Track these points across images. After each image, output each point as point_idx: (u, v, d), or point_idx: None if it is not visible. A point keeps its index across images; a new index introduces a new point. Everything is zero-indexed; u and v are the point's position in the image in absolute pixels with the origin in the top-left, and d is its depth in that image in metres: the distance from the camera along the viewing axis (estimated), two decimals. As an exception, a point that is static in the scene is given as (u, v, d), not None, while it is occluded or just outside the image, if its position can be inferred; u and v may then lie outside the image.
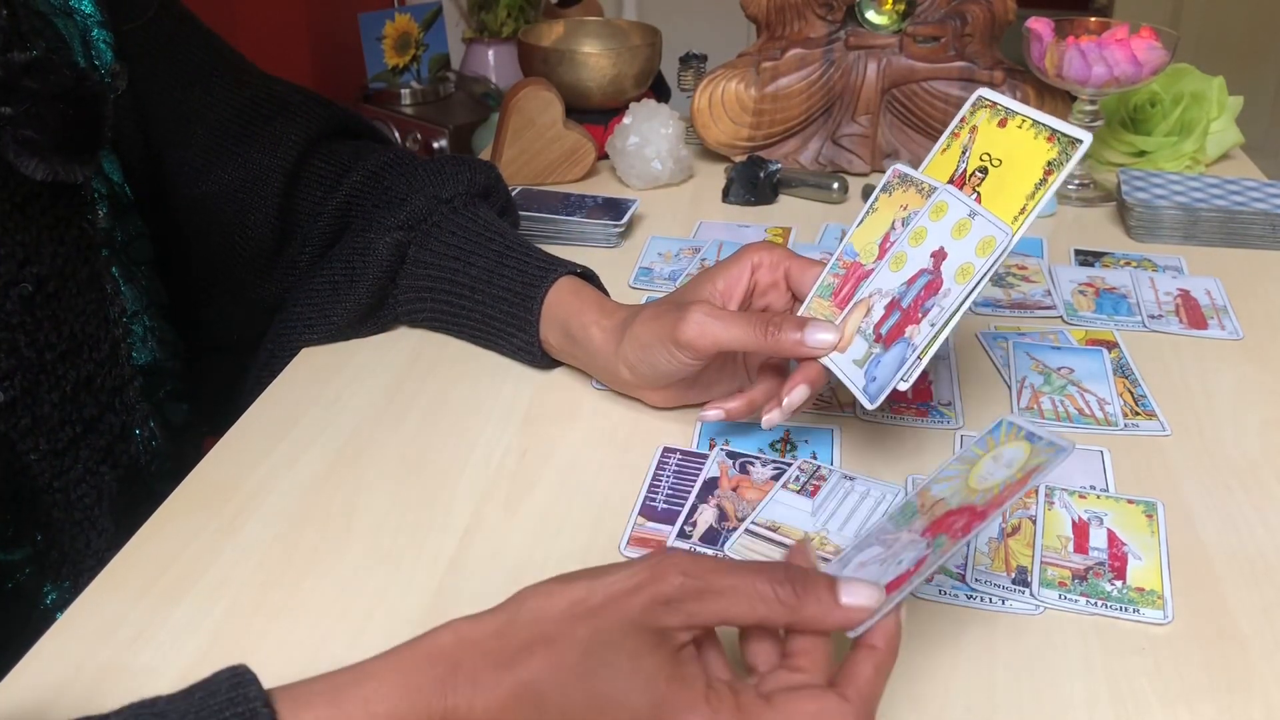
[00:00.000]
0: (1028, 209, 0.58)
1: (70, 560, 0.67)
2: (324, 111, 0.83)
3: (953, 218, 0.61)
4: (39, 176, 0.61)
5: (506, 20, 1.93)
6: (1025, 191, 0.59)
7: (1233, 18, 2.93)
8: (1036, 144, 0.59)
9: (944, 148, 0.64)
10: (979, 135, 0.62)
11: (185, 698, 0.41)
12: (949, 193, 0.62)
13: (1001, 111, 0.62)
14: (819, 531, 0.60)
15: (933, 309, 0.59)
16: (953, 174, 0.63)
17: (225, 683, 0.41)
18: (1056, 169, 0.58)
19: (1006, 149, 0.61)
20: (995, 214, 0.59)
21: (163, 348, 0.75)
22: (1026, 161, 0.59)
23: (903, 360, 0.59)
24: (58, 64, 0.63)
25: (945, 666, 0.52)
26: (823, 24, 1.11)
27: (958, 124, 0.64)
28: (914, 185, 0.64)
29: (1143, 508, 0.61)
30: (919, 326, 0.60)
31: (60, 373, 0.66)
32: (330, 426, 0.70)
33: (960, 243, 0.60)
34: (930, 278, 0.60)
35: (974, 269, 0.59)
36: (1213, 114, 1.13)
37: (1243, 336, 0.82)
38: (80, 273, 0.67)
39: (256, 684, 0.41)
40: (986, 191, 0.61)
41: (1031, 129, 0.60)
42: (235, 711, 0.40)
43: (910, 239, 0.62)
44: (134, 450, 0.71)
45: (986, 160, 0.61)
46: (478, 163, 0.82)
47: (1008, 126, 0.61)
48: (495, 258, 0.75)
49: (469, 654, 0.43)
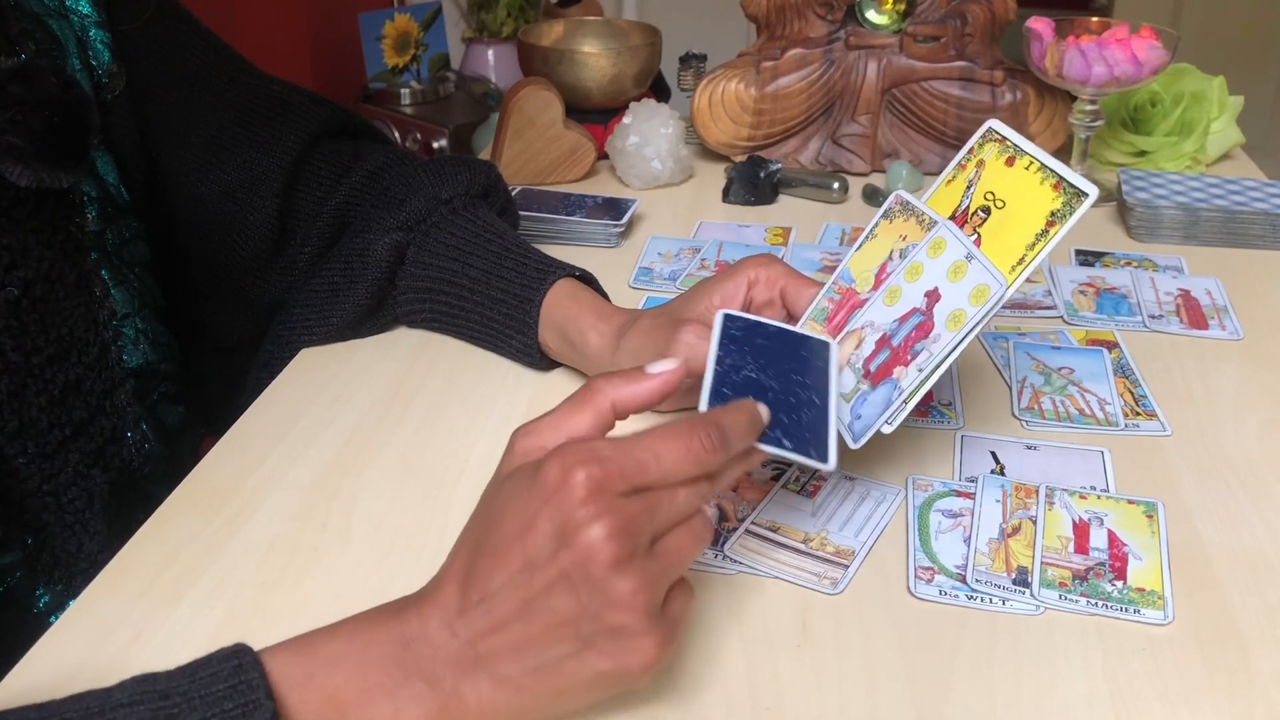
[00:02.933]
0: (1026, 260, 0.57)
1: (62, 563, 0.67)
2: (323, 112, 0.83)
3: (950, 257, 0.60)
4: (23, 183, 0.61)
5: (506, 20, 1.93)
6: (1026, 241, 0.58)
7: (1233, 18, 2.93)
8: (1042, 190, 0.58)
9: (949, 179, 0.63)
10: (985, 171, 0.61)
11: (186, 675, 0.42)
12: (948, 230, 0.61)
13: (1010, 149, 0.61)
14: (819, 531, 0.60)
15: (922, 353, 0.59)
16: (955, 209, 0.62)
17: (227, 665, 0.42)
18: (1060, 221, 0.57)
19: (1012, 191, 0.60)
20: (993, 261, 0.58)
21: (155, 350, 0.75)
22: (1030, 208, 0.58)
23: (888, 403, 0.59)
24: (45, 70, 0.63)
25: (945, 666, 0.51)
26: (823, 24, 1.11)
27: (965, 155, 0.63)
28: (915, 215, 0.63)
29: (1143, 508, 0.61)
30: (907, 370, 0.59)
31: (48, 376, 0.66)
32: (330, 426, 0.70)
33: (955, 286, 0.59)
34: (922, 319, 0.60)
35: (966, 317, 0.58)
36: (1213, 114, 1.13)
37: (1243, 336, 0.82)
38: (68, 276, 0.67)
39: (258, 667, 0.42)
40: (987, 233, 0.60)
41: (1039, 173, 0.59)
42: (239, 701, 0.41)
43: (906, 273, 0.62)
44: (126, 453, 0.71)
45: (990, 200, 0.60)
46: (477, 163, 0.82)
47: (1015, 166, 0.60)
48: (494, 259, 0.75)
49: (430, 648, 0.45)
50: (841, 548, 0.59)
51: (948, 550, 0.59)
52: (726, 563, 0.58)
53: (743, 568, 0.58)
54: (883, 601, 0.55)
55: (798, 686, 0.50)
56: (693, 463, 0.46)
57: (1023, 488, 0.63)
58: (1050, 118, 1.09)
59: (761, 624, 0.54)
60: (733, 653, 0.52)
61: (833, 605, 0.55)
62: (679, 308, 0.68)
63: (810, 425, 0.54)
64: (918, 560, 0.58)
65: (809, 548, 0.59)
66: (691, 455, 0.46)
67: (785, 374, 0.56)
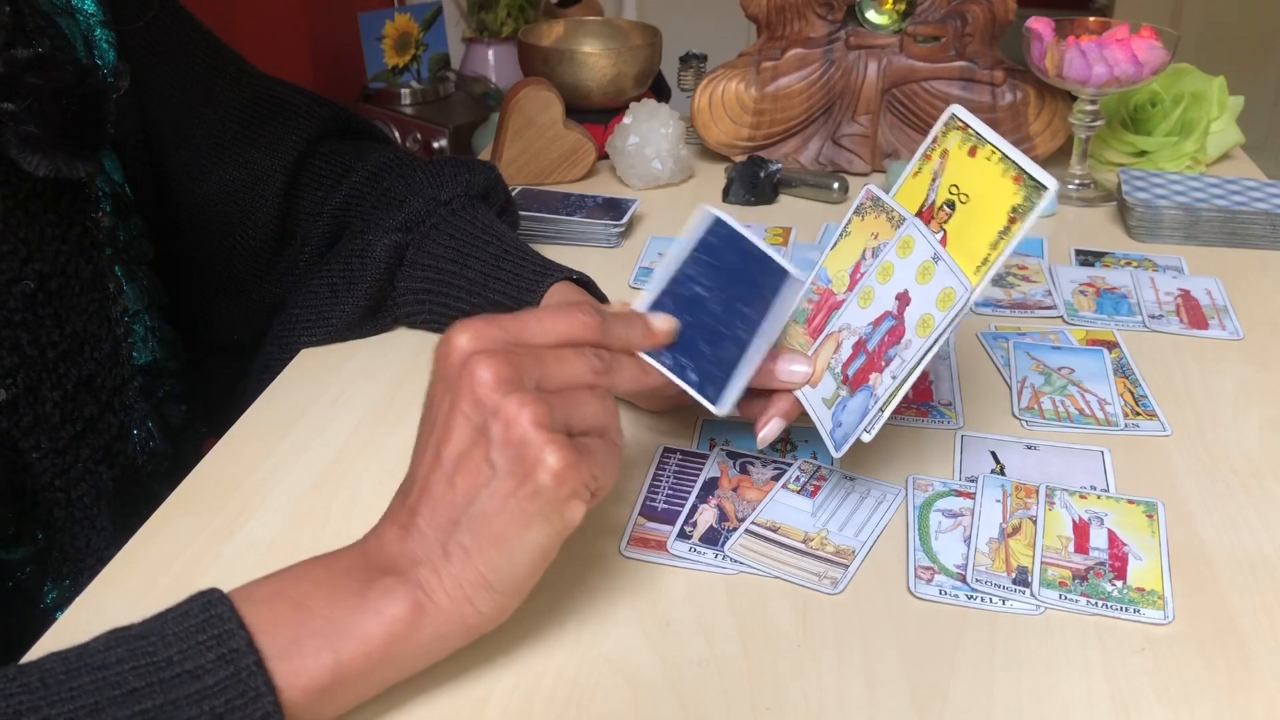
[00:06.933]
0: (990, 260, 0.57)
1: (70, 559, 0.67)
2: (324, 112, 0.83)
3: (918, 258, 0.60)
4: (41, 172, 0.61)
5: (506, 20, 1.93)
6: (989, 240, 0.57)
7: (1233, 18, 2.93)
8: (1003, 183, 0.57)
9: (915, 170, 0.63)
10: (949, 163, 0.61)
11: (158, 619, 0.44)
12: (916, 227, 0.61)
13: (973, 138, 0.60)
14: (819, 531, 0.60)
15: (894, 359, 0.59)
16: (922, 204, 0.61)
17: (197, 603, 0.45)
18: (1020, 217, 0.56)
19: (975, 184, 0.59)
20: (958, 261, 0.58)
21: (163, 348, 0.75)
22: (992, 203, 0.58)
23: (865, 410, 0.59)
24: (61, 60, 0.63)
25: (945, 666, 0.52)
26: (823, 24, 1.11)
27: (930, 144, 0.62)
28: (885, 212, 0.63)
29: (1143, 508, 0.61)
30: (881, 376, 0.59)
31: (62, 371, 0.66)
32: (330, 426, 0.70)
33: (924, 289, 0.59)
34: (894, 323, 0.60)
35: (934, 322, 0.58)
36: (1213, 114, 1.13)
37: (1243, 336, 0.82)
38: (83, 271, 0.67)
39: (227, 602, 0.45)
40: (953, 230, 0.59)
41: (1000, 164, 0.58)
42: (211, 633, 0.43)
43: (878, 274, 0.61)
44: (131, 450, 0.71)
45: (955, 194, 0.60)
46: (477, 164, 0.82)
47: (977, 156, 0.59)
48: (492, 261, 0.75)
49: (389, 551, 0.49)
50: (841, 547, 0.59)
51: (948, 550, 0.59)
52: (726, 563, 0.58)
53: (743, 568, 0.58)
54: (883, 601, 0.56)
55: (798, 686, 0.50)
56: (567, 324, 0.51)
57: (1023, 488, 0.63)
58: (1050, 118, 1.09)
59: (761, 624, 0.54)
60: (733, 653, 0.52)
61: (833, 605, 0.55)
62: None
63: (723, 362, 0.54)
64: (918, 560, 0.58)
65: (809, 547, 0.59)
66: (566, 319, 0.51)
67: (733, 302, 0.57)
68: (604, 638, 0.53)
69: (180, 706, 0.42)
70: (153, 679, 0.42)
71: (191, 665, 0.42)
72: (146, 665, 0.42)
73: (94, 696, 0.41)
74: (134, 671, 0.42)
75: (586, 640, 0.53)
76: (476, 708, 0.49)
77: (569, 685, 0.51)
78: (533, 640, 0.53)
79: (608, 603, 0.56)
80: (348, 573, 0.48)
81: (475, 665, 0.51)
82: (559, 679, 0.51)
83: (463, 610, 0.47)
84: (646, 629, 0.54)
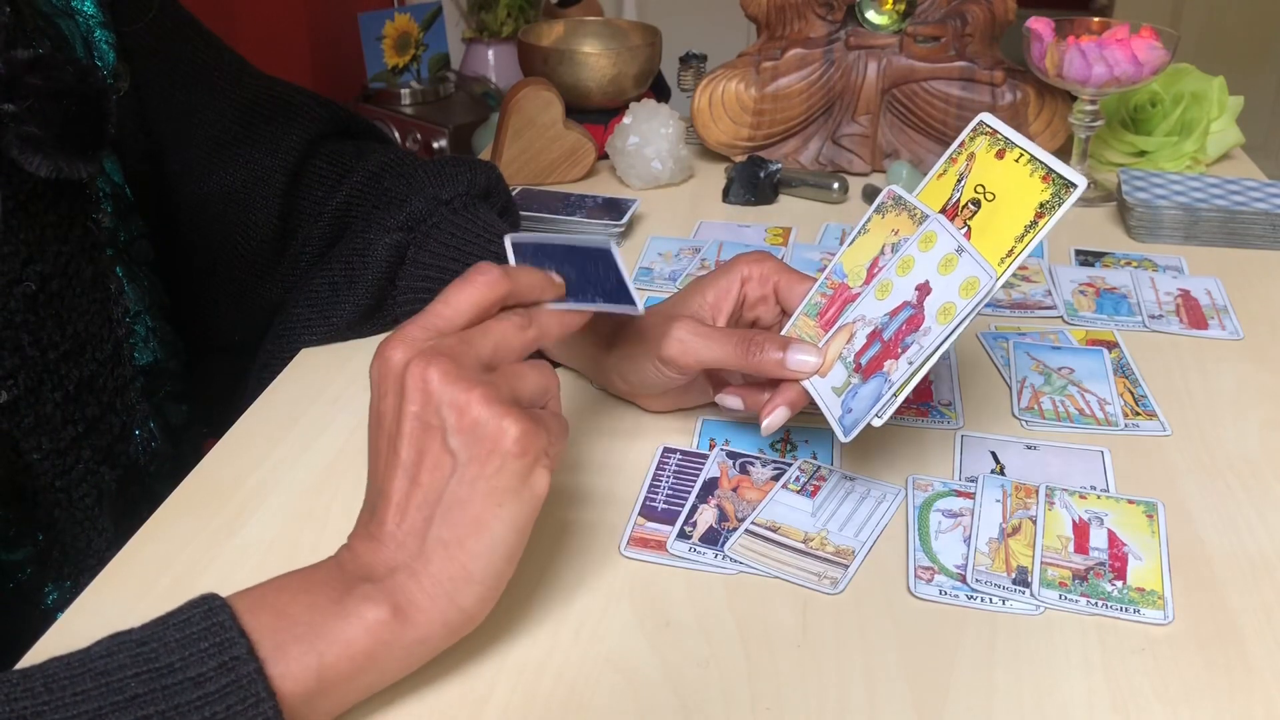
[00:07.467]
0: (1015, 252, 0.58)
1: (71, 560, 0.67)
2: (325, 112, 0.83)
3: (941, 250, 0.60)
4: (43, 173, 0.61)
5: (506, 20, 1.93)
6: (1015, 233, 0.58)
7: (1233, 18, 2.93)
8: (1031, 182, 0.58)
9: (940, 173, 0.63)
10: (975, 165, 0.61)
11: (158, 624, 0.45)
12: (939, 223, 0.61)
13: (1000, 142, 0.61)
14: (819, 531, 0.60)
15: (912, 346, 0.59)
16: (946, 202, 0.62)
17: (198, 609, 0.45)
18: (1048, 213, 0.57)
19: (1001, 183, 0.60)
20: (982, 254, 0.59)
21: (164, 348, 0.75)
22: (1019, 200, 0.59)
23: (879, 396, 0.59)
24: (61, 61, 0.63)
25: (945, 666, 0.52)
26: (823, 24, 1.11)
27: (956, 149, 0.63)
28: (907, 210, 0.63)
29: (1143, 508, 0.61)
30: (897, 363, 0.59)
31: (63, 372, 0.66)
32: (330, 426, 0.70)
33: (946, 279, 0.59)
34: (913, 312, 0.60)
35: (956, 310, 0.58)
36: (1213, 114, 1.13)
37: (1243, 336, 0.82)
38: (84, 272, 0.67)
39: (227, 609, 0.45)
40: (977, 226, 0.60)
41: (1029, 164, 0.59)
42: (213, 640, 0.44)
43: (898, 267, 0.62)
44: (133, 450, 0.71)
45: (980, 193, 0.61)
46: (478, 163, 0.82)
47: (1005, 159, 0.60)
48: (492, 260, 0.75)
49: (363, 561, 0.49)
50: (841, 547, 0.59)
51: (948, 550, 0.59)
52: (726, 563, 0.58)
53: (743, 568, 0.58)
54: (883, 601, 0.56)
55: (798, 686, 0.50)
56: (475, 290, 0.52)
57: (1023, 487, 0.63)
58: (1050, 118, 1.09)
59: (761, 624, 0.54)
60: (733, 653, 0.52)
61: (833, 605, 0.55)
62: (672, 306, 0.68)
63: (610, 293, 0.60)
64: (918, 560, 0.58)
65: (809, 547, 0.59)
66: (471, 286, 0.53)
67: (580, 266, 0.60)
68: (604, 638, 0.53)
69: (182, 712, 0.42)
70: (154, 685, 0.42)
71: (193, 672, 0.43)
72: (148, 671, 0.43)
73: (97, 702, 0.42)
74: (136, 678, 0.42)
75: (586, 640, 0.53)
76: (476, 708, 0.49)
77: (569, 685, 0.51)
78: (533, 640, 0.53)
79: (608, 603, 0.56)
80: (325, 583, 0.48)
81: (475, 665, 0.51)
82: (559, 679, 0.51)
83: (444, 609, 0.48)
84: (646, 629, 0.54)
